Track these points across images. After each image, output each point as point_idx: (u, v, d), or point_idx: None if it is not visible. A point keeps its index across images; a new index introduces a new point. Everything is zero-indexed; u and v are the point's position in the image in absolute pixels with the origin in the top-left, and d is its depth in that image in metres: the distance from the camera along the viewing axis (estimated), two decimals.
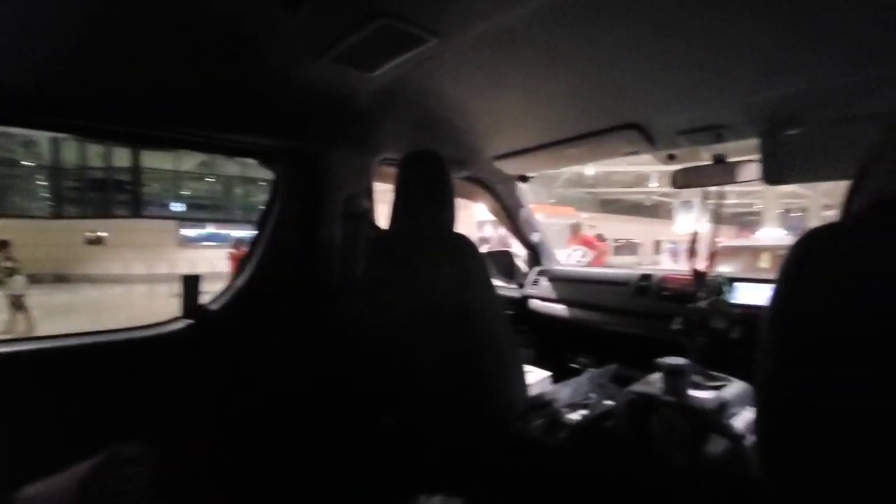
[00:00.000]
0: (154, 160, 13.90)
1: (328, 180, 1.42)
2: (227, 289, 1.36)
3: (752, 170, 1.34)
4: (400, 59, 1.01)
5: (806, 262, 0.55)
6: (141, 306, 9.15)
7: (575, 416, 1.09)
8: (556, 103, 1.25)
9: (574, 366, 1.78)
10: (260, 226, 1.43)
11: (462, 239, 1.11)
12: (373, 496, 1.22)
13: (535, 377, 1.60)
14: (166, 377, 1.21)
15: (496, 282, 2.25)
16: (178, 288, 1.30)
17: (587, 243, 4.54)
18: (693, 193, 1.58)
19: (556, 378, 1.50)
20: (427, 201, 1.17)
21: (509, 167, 1.73)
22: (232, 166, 14.38)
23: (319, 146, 1.39)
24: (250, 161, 1.48)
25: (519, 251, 2.28)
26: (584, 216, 12.78)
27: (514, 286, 2.15)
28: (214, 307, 1.32)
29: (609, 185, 16.40)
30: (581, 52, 0.99)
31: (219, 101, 1.17)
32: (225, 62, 1.04)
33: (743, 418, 0.98)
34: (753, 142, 1.25)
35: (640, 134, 1.32)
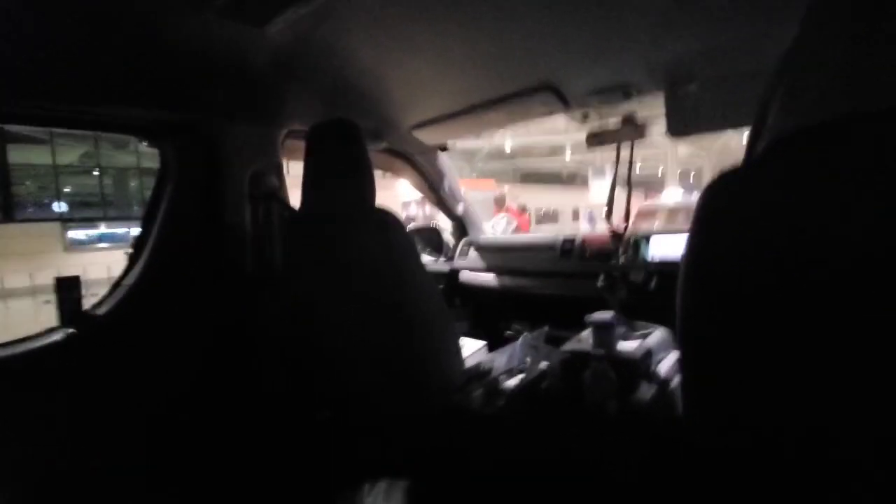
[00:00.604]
0: (26, 154, 11.96)
1: (227, 157, 1.26)
2: (115, 289, 1.18)
3: (658, 125, 1.40)
4: (292, 12, 0.90)
5: (710, 208, 0.56)
6: (17, 324, 8.00)
7: (512, 381, 1.08)
8: (471, 67, 1.20)
9: (509, 333, 1.81)
10: (148, 214, 1.25)
11: (385, 213, 1.04)
12: (317, 492, 1.15)
13: (472, 348, 1.60)
14: (48, 399, 1.03)
15: (425, 258, 2.22)
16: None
17: (511, 214, 4.66)
18: (605, 161, 1.62)
19: (492, 347, 1.51)
20: (342, 175, 1.08)
21: (428, 136, 1.67)
22: (124, 156, 12.80)
23: (213, 118, 1.23)
24: (149, 150, 1.28)
25: (445, 226, 2.26)
26: (505, 188, 13.15)
27: (443, 260, 2.12)
28: (101, 312, 1.14)
29: (528, 156, 16.92)
30: (489, 10, 0.95)
31: (85, 68, 0.97)
32: (90, 20, 0.86)
33: (667, 363, 1.04)
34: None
35: (555, 95, 1.31)
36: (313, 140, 1.12)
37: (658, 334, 1.10)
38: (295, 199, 1.24)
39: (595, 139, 1.44)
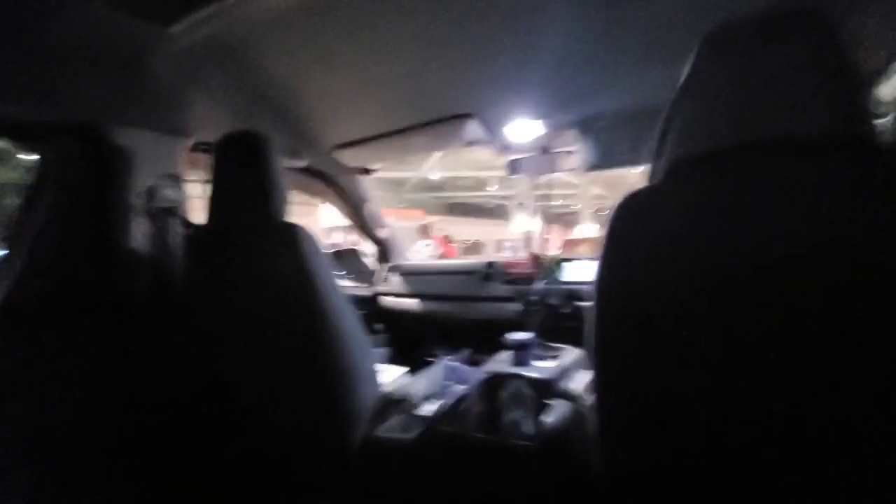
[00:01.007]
0: None
1: (119, 166, 1.13)
2: None
3: (572, 159, 1.50)
4: (201, 13, 0.84)
5: (619, 225, 0.60)
6: None
7: (431, 407, 1.05)
8: (393, 90, 1.21)
9: (431, 359, 1.78)
10: (17, 228, 1.07)
11: (297, 229, 0.98)
12: None
13: (392, 374, 1.55)
14: None
15: (346, 282, 2.15)
16: None
17: (436, 241, 4.70)
18: (527, 196, 1.71)
19: (414, 373, 1.47)
20: (249, 191, 1.01)
21: (351, 158, 1.64)
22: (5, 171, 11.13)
23: (103, 121, 1.10)
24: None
25: (368, 250, 2.21)
26: (433, 219, 13.32)
27: (365, 285, 2.06)
28: None
29: (455, 189, 17.38)
30: (410, 35, 0.96)
31: None
32: None
33: (580, 381, 1.07)
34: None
35: (478, 124, 1.36)
36: (220, 153, 1.04)
37: (571, 354, 1.14)
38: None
39: (514, 167, 1.51)
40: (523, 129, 1.38)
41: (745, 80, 0.55)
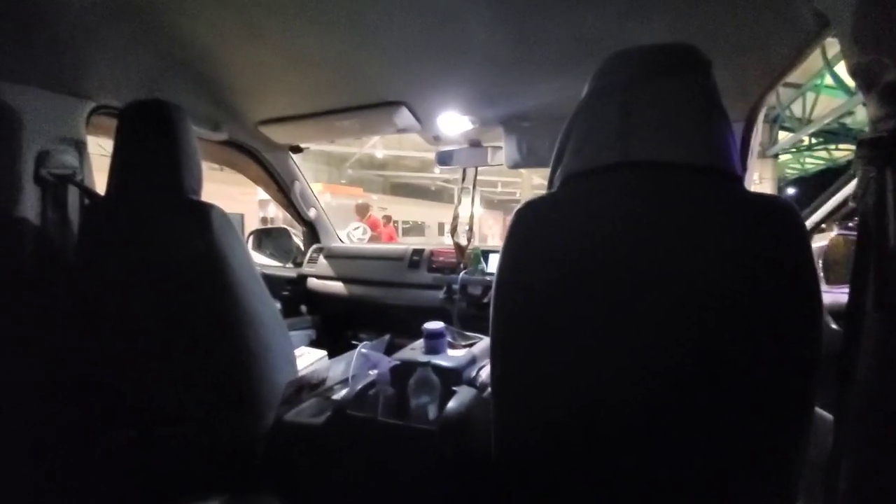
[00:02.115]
0: None
1: (8, 128, 1.02)
2: None
3: (499, 155, 1.55)
4: None
5: (514, 228, 0.65)
6: None
7: (344, 391, 1.07)
8: (325, 70, 1.18)
9: (356, 343, 1.79)
10: None
11: (210, 207, 0.95)
12: None
13: (312, 357, 1.55)
14: None
15: (270, 261, 2.09)
16: None
17: (373, 224, 4.66)
18: (470, 181, 1.75)
19: (334, 357, 1.48)
20: (159, 163, 0.96)
21: (278, 135, 1.58)
22: None
23: None
24: None
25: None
26: (374, 198, 13.13)
27: (291, 265, 2.02)
28: None
29: (399, 168, 17.20)
30: (345, 18, 0.95)
31: None
32: None
33: (488, 369, 1.13)
34: None
35: (409, 112, 1.36)
36: (126, 120, 0.98)
37: (483, 343, 1.20)
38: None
39: (442, 158, 1.53)
40: (454, 122, 1.41)
41: (631, 105, 0.61)
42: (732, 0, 0.77)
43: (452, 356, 1.07)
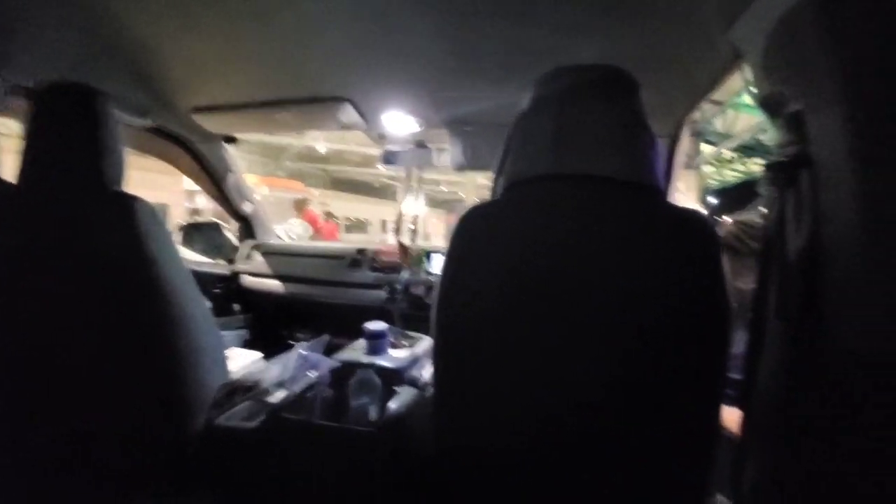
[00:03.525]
0: None
1: None
2: None
3: (444, 157, 1.57)
4: None
5: (458, 234, 0.67)
6: None
7: (280, 393, 1.04)
8: (265, 63, 1.14)
9: (293, 343, 1.74)
10: None
11: (133, 200, 0.88)
12: None
13: (246, 359, 1.48)
14: None
15: (200, 257, 1.97)
16: None
17: (312, 220, 4.50)
18: (414, 179, 1.75)
19: (270, 359, 1.42)
20: (77, 151, 0.88)
21: (212, 124, 1.49)
22: None
23: None
24: None
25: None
26: (315, 193, 12.71)
27: (223, 262, 1.92)
28: None
29: (341, 163, 16.76)
30: (289, 10, 0.92)
31: None
32: None
33: (430, 370, 1.14)
34: None
35: (354, 110, 1.34)
36: (41, 103, 0.88)
37: (426, 343, 1.21)
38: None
39: (387, 157, 1.53)
40: (399, 121, 1.41)
41: (564, 121, 0.64)
42: (658, 27, 0.84)
43: (394, 356, 1.07)
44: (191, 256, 1.96)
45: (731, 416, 0.63)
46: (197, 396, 0.97)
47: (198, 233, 1.99)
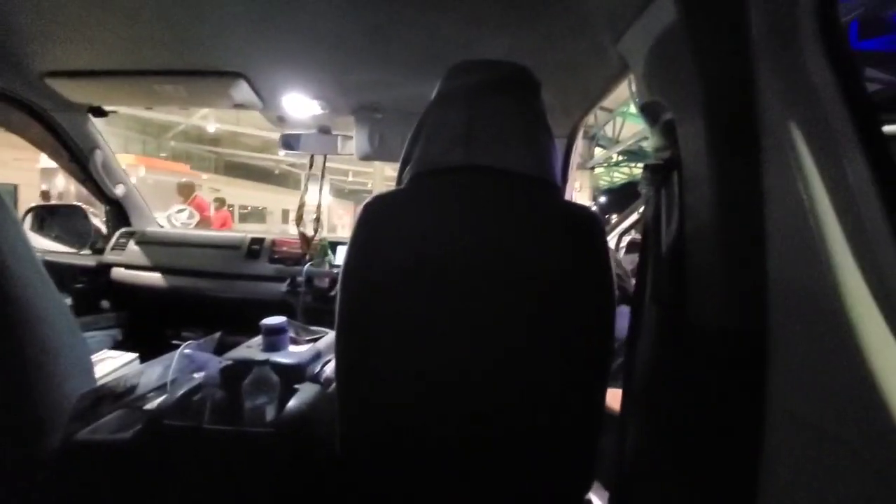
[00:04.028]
0: None
1: None
2: None
3: (350, 145, 1.52)
4: None
5: (361, 223, 0.66)
6: None
7: (160, 398, 0.93)
8: (143, 24, 0.99)
9: (177, 343, 1.57)
10: None
11: None
12: None
13: (118, 362, 1.30)
14: None
15: (58, 246, 1.69)
16: None
17: (199, 207, 4.09)
18: (318, 168, 1.66)
19: (146, 360, 1.27)
20: None
21: (73, 92, 1.27)
22: None
23: None
24: None
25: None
26: (204, 177, 11.58)
27: (88, 252, 1.66)
28: None
29: (236, 146, 15.46)
30: None
31: None
32: None
33: (332, 365, 1.11)
34: None
35: (249, 87, 1.24)
36: None
37: (329, 337, 1.17)
38: None
39: (286, 142, 1.44)
40: (301, 104, 1.33)
41: (473, 114, 0.66)
42: (558, 32, 0.89)
43: (294, 352, 1.02)
44: (44, 245, 1.67)
45: (612, 396, 0.70)
46: (53, 407, 0.84)
47: (53, 217, 1.69)
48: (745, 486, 0.47)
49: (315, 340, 1.14)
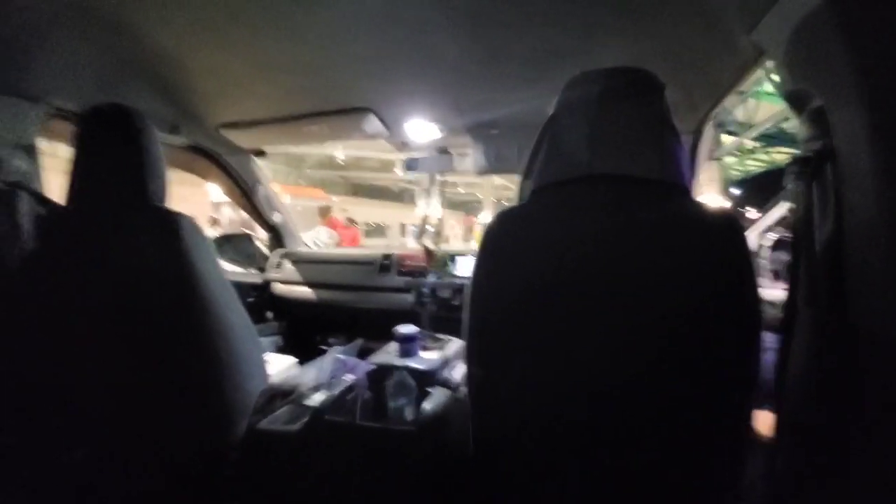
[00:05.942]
0: None
1: None
2: None
3: (467, 161, 1.59)
4: None
5: (489, 237, 0.69)
6: None
7: (319, 396, 1.07)
8: (291, 76, 1.18)
9: (324, 348, 1.78)
10: None
11: (178, 217, 0.93)
12: None
13: (281, 365, 1.52)
14: None
15: (233, 267, 2.04)
16: None
17: (334, 226, 4.59)
18: (431, 182, 1.78)
19: (304, 364, 1.46)
20: (122, 170, 0.93)
21: (241, 139, 1.55)
22: None
23: None
24: None
25: (260, 234, 2.11)
26: (335, 199, 12.89)
27: (255, 271, 1.98)
28: None
29: (360, 169, 16.96)
30: (312, 25, 0.95)
31: None
32: None
33: (461, 371, 1.16)
34: None
35: (377, 119, 1.38)
36: (85, 125, 0.94)
37: (455, 345, 1.23)
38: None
39: (410, 165, 1.56)
40: (421, 129, 1.43)
41: (597, 123, 0.65)
42: (682, 29, 0.84)
43: (426, 358, 1.10)
44: (226, 267, 2.03)
45: (762, 420, 0.62)
46: (239, 403, 1.01)
47: (229, 243, 2.05)
48: None
49: (442, 347, 1.21)
